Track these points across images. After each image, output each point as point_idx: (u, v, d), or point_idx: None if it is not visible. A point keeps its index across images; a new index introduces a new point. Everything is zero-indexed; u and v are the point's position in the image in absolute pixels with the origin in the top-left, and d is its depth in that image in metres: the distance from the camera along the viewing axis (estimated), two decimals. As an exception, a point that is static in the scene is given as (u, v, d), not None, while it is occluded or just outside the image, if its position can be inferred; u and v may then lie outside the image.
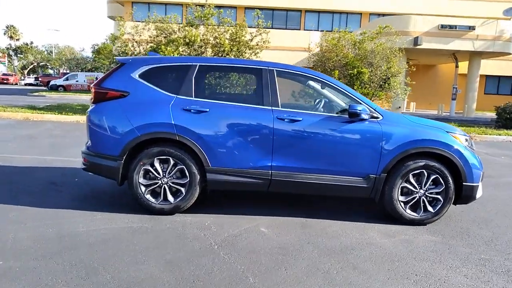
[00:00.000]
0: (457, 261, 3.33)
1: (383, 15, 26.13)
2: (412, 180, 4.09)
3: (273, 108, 4.05)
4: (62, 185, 4.98)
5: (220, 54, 12.61)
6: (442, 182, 4.08)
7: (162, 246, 3.33)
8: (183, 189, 4.02)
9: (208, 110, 3.98)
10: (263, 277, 2.89)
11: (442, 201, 4.11)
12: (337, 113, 4.17)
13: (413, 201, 4.12)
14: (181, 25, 12.95)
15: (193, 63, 4.16)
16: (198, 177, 4.00)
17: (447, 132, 4.21)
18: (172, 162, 3.97)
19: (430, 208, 4.13)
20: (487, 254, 3.52)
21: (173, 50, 12.04)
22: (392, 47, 12.92)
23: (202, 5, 12.58)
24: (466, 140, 4.31)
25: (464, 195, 4.14)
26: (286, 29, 25.78)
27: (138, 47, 13.23)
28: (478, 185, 4.16)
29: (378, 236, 3.81)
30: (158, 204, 4.02)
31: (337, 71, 12.69)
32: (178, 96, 4.03)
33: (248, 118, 4.01)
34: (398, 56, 13.02)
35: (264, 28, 12.73)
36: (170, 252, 3.22)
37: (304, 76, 4.31)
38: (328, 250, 3.42)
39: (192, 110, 3.98)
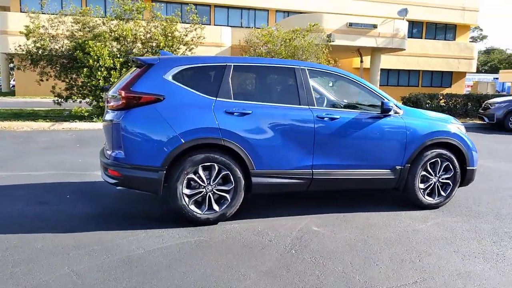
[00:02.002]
0: (495, 236, 3.80)
1: (289, 12, 27.38)
2: (429, 169, 4.51)
3: (310, 107, 4.08)
4: (60, 204, 4.32)
5: (153, 50, 11.94)
6: (452, 168, 4.57)
7: (242, 257, 3.16)
8: (228, 196, 3.83)
9: (251, 112, 3.84)
10: (363, 273, 2.95)
11: (452, 185, 4.61)
12: (367, 109, 4.37)
13: (430, 187, 4.54)
14: (105, 19, 11.91)
15: (228, 63, 3.96)
16: (243, 181, 3.84)
17: (452, 123, 4.73)
18: (216, 168, 3.75)
19: (442, 193, 4.60)
20: (506, 227, 4.07)
21: (102, 46, 11.04)
22: (319, 43, 13.67)
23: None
24: (460, 128, 4.87)
25: (467, 178, 4.70)
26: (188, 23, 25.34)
27: (56, 42, 11.81)
28: (476, 168, 4.77)
29: (414, 223, 4.12)
30: (203, 214, 3.77)
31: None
32: (217, 99, 3.81)
33: (290, 118, 3.98)
34: (326, 52, 13.85)
35: (200, 23, 12.41)
36: (257, 262, 3.07)
37: (333, 74, 4.42)
38: (390, 241, 3.60)
39: (235, 113, 3.79)
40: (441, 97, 17.77)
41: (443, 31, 31.94)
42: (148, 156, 3.60)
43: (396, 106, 4.42)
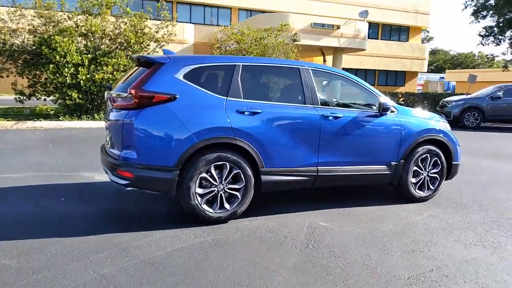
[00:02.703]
0: (485, 225, 4.11)
1: (251, 11, 27.50)
2: (420, 164, 4.78)
3: (315, 106, 4.20)
4: (59, 207, 4.15)
5: (123, 47, 11.61)
6: (439, 163, 4.88)
7: (264, 254, 3.21)
8: (238, 194, 3.86)
9: (261, 111, 3.89)
10: (382, 264, 3.10)
11: (439, 179, 4.92)
12: (366, 108, 4.55)
13: (420, 182, 4.82)
14: (71, 13, 11.41)
15: (237, 63, 3.98)
16: (253, 180, 3.89)
17: (438, 121, 5.04)
18: (228, 167, 3.77)
19: (431, 186, 4.90)
20: (492, 216, 4.41)
21: (69, 41, 10.57)
22: (288, 43, 13.90)
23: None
24: (446, 125, 5.20)
25: (452, 172, 5.04)
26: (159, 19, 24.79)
27: (17, 37, 11.16)
28: (460, 163, 5.12)
29: (410, 215, 4.35)
30: (215, 212, 3.78)
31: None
32: (228, 98, 3.82)
33: (298, 117, 4.07)
34: (296, 52, 14.09)
35: (170, 20, 12.20)
36: (281, 258, 3.14)
37: (334, 74, 4.56)
38: (395, 233, 3.80)
39: (246, 112, 3.83)
40: (400, 96, 18.65)
41: (398, 32, 33.44)
42: (161, 156, 3.55)
43: (392, 105, 4.65)
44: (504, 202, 5.00)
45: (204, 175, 3.69)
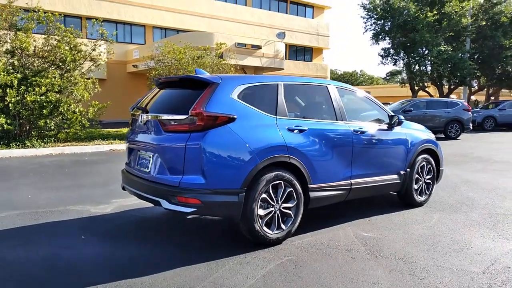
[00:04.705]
0: (488, 222, 4.70)
1: (166, 29, 27.07)
2: (420, 172, 5.29)
3: (344, 122, 4.41)
4: (89, 247, 3.67)
5: (57, 65, 10.57)
6: (432, 170, 5.46)
7: (348, 269, 3.27)
8: (291, 213, 3.86)
9: (307, 128, 3.97)
10: (453, 264, 3.39)
11: (432, 184, 5.50)
12: (380, 122, 4.90)
13: (420, 188, 5.33)
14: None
15: (278, 82, 4.02)
16: (303, 197, 3.93)
17: (428, 131, 5.64)
18: (283, 186, 3.76)
19: (427, 191, 5.45)
20: (487, 214, 5.07)
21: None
22: (227, 62, 14.04)
23: (27, 9, 10.18)
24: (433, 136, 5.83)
25: (440, 177, 5.67)
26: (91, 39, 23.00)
27: None
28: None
29: (425, 219, 4.77)
30: (273, 233, 3.72)
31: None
32: (277, 117, 3.83)
33: (336, 133, 4.24)
34: (233, 70, 14.27)
35: (110, 38, 11.48)
36: (367, 272, 3.24)
37: (351, 91, 4.84)
38: (429, 236, 4.14)
39: (295, 130, 3.88)
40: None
41: (303, 53, 35.87)
42: (229, 179, 3.41)
43: (398, 120, 5.09)
44: (480, 200, 5.74)
45: (264, 195, 3.63)
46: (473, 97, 37.66)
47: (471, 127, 16.76)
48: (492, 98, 34.63)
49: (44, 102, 9.91)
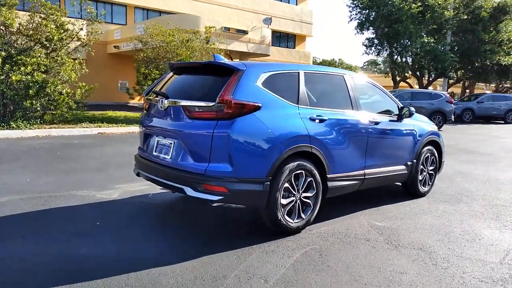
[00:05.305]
0: (490, 213, 4.86)
1: (148, 10, 26.33)
2: (425, 163, 5.40)
3: (360, 112, 4.43)
4: (109, 234, 3.58)
5: (41, 43, 10.12)
6: (435, 161, 5.58)
7: (372, 257, 3.32)
8: (310, 202, 3.87)
9: (327, 118, 3.96)
10: (468, 253, 3.49)
11: (434, 174, 5.63)
12: (390, 113, 4.93)
13: (423, 179, 5.44)
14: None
15: (299, 70, 3.98)
16: (322, 186, 3.95)
17: (431, 123, 5.74)
18: (304, 175, 3.76)
19: (430, 182, 5.57)
20: (488, 205, 5.24)
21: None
22: (216, 47, 13.82)
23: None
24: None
25: (441, 168, 5.80)
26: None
27: None
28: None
29: (430, 209, 4.89)
30: (294, 222, 3.73)
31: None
32: (300, 106, 3.80)
33: (354, 123, 4.25)
34: (223, 54, 14.05)
35: (98, 18, 11.06)
36: (393, 261, 3.30)
37: (365, 82, 4.84)
38: (440, 226, 4.25)
39: (316, 120, 3.86)
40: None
41: (286, 40, 35.70)
42: (255, 167, 3.37)
43: (407, 111, 5.14)
44: (477, 191, 5.92)
45: (287, 185, 3.62)
46: (449, 90, 38.68)
47: (453, 119, 17.21)
48: (468, 91, 35.64)
49: (30, 82, 9.50)
